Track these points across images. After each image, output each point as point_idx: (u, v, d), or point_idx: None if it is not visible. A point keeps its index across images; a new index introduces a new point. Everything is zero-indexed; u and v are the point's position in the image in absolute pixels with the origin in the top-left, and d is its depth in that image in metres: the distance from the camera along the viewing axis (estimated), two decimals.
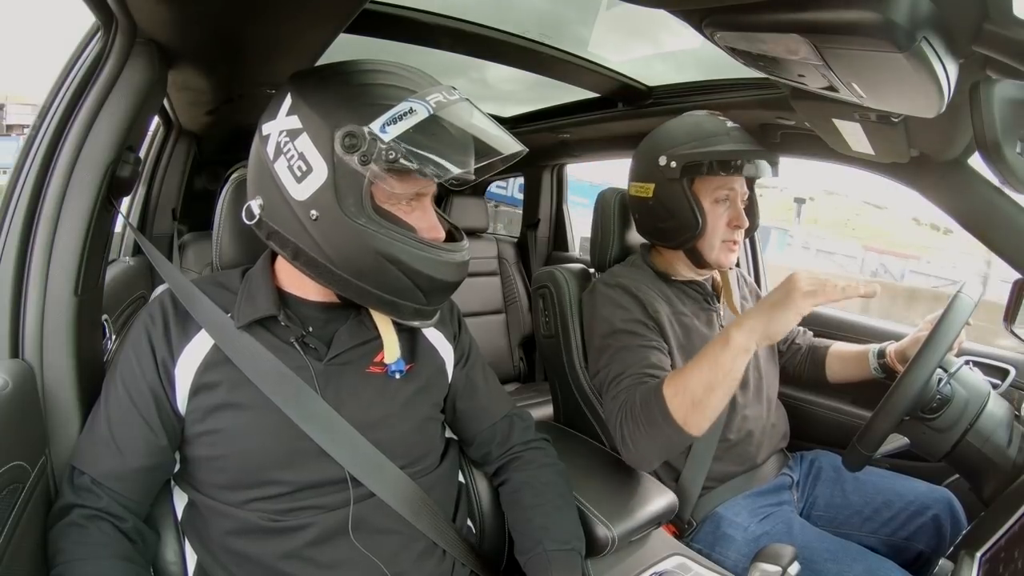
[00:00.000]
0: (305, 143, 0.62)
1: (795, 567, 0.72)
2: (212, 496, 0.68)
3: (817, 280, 0.77)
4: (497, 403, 0.87)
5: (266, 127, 0.66)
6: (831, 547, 0.94)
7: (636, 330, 1.01)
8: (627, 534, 0.85)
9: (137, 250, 1.74)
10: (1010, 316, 0.92)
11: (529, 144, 0.70)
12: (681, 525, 1.06)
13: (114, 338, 1.16)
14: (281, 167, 0.64)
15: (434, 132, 0.62)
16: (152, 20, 0.73)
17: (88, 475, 0.65)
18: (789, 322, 0.78)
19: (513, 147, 0.67)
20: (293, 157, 0.63)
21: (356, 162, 0.61)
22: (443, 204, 2.31)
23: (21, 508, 0.59)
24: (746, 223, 1.08)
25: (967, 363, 0.90)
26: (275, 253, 0.72)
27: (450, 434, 0.87)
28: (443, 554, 0.75)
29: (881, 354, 1.14)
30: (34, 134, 0.72)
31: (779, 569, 0.71)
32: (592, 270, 1.29)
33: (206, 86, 1.21)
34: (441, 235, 0.70)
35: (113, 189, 0.76)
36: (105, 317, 1.00)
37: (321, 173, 0.62)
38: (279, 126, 0.64)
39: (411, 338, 0.79)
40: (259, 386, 0.66)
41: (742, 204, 1.08)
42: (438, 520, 0.74)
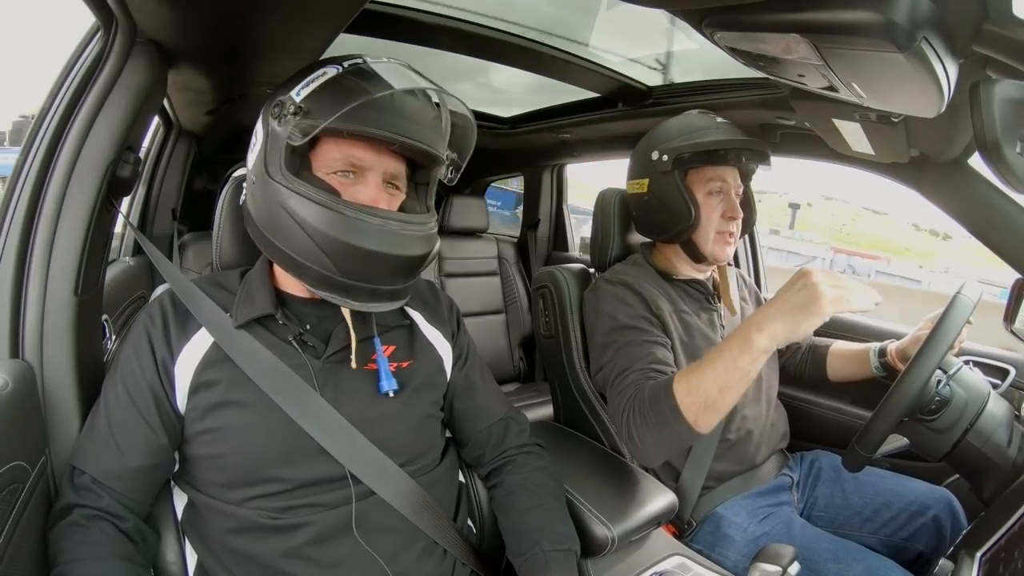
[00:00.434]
0: (260, 120, 0.69)
1: (795, 567, 0.72)
2: (212, 495, 0.68)
3: (840, 284, 0.75)
4: (495, 405, 0.87)
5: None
6: (831, 547, 0.94)
7: (640, 326, 1.01)
8: (627, 534, 0.85)
9: (137, 250, 1.74)
10: (1010, 316, 0.92)
11: (529, 144, 0.70)
12: (681, 525, 1.06)
13: (114, 338, 1.16)
14: (251, 149, 0.70)
15: (346, 93, 0.62)
16: (152, 20, 0.73)
17: (88, 475, 0.65)
18: (812, 327, 0.76)
19: (458, 107, 0.69)
20: (255, 135, 0.70)
21: (277, 125, 0.65)
22: (443, 204, 2.30)
23: (21, 508, 0.59)
24: (740, 213, 1.09)
25: (967, 363, 0.90)
26: None
27: (448, 434, 0.87)
28: (444, 553, 0.75)
29: (882, 353, 1.14)
30: (34, 134, 0.72)
31: (779, 569, 0.71)
32: (592, 270, 1.29)
33: (206, 86, 1.21)
34: (380, 205, 0.67)
35: (113, 189, 0.76)
36: (105, 317, 1.00)
37: (259, 142, 0.68)
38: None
39: (409, 335, 0.79)
40: (259, 384, 0.67)
41: (736, 197, 1.09)
42: (439, 519, 0.74)
